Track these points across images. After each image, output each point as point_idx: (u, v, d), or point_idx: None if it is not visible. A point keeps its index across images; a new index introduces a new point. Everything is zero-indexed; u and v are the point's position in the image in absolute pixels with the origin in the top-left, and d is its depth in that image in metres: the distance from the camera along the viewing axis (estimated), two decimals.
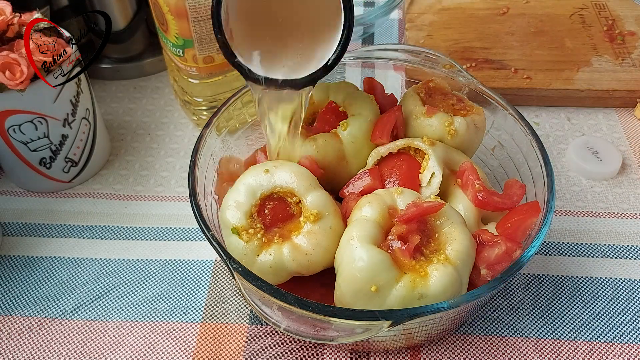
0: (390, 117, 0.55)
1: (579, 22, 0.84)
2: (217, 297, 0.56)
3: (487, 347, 0.53)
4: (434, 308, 0.43)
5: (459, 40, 0.81)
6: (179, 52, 0.62)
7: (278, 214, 0.50)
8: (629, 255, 0.60)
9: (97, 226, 0.63)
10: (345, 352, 0.53)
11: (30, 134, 0.59)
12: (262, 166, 0.52)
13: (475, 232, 0.49)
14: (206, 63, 0.63)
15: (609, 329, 0.54)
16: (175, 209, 0.64)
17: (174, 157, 0.70)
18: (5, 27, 0.57)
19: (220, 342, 0.53)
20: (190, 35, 0.60)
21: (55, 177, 0.64)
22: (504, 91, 0.73)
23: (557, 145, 0.71)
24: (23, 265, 0.59)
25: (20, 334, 0.54)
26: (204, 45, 0.61)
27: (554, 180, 0.51)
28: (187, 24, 0.59)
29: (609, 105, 0.75)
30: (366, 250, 0.45)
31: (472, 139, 0.57)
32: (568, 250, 0.60)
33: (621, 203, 0.64)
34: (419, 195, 0.50)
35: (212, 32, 0.60)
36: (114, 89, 0.78)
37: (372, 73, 0.68)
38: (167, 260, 0.60)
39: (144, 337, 0.54)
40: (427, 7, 0.88)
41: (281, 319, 0.46)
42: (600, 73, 0.76)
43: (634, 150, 0.70)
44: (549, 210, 0.49)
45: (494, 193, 0.52)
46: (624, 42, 0.81)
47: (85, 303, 0.56)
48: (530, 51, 0.79)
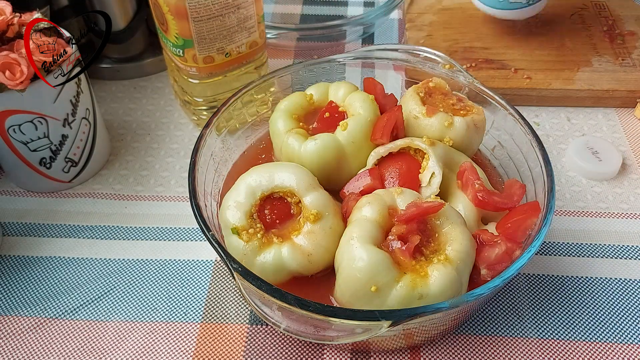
0: (390, 117, 0.55)
1: (579, 22, 0.84)
2: (217, 297, 0.56)
3: (487, 347, 0.53)
4: (434, 308, 0.43)
5: (458, 40, 0.81)
6: (179, 52, 0.62)
7: (278, 214, 0.50)
8: (629, 255, 0.60)
9: (97, 226, 0.63)
10: (345, 352, 0.53)
11: (30, 134, 0.59)
12: (263, 166, 0.52)
13: (475, 232, 0.49)
14: (206, 63, 0.63)
15: (609, 329, 0.54)
16: (175, 209, 0.64)
17: (174, 157, 0.70)
18: (5, 27, 0.57)
19: (220, 342, 0.53)
20: (190, 35, 0.60)
21: (55, 177, 0.64)
22: (504, 91, 0.73)
23: (557, 145, 0.71)
24: (23, 265, 0.59)
25: (20, 334, 0.54)
26: (204, 45, 0.61)
27: (554, 180, 0.51)
28: (187, 24, 0.59)
29: (609, 105, 0.75)
30: (366, 250, 0.45)
31: (472, 138, 0.57)
32: (568, 250, 0.60)
33: (621, 203, 0.64)
34: (418, 195, 0.50)
35: (212, 32, 0.60)
36: (114, 89, 0.78)
37: (372, 73, 0.68)
38: (167, 260, 0.60)
39: (144, 337, 0.54)
40: (427, 7, 0.88)
41: (281, 319, 0.46)
42: (600, 73, 0.76)
43: (634, 150, 0.70)
44: (549, 210, 0.49)
45: (494, 193, 0.52)
46: (624, 42, 0.81)
47: (85, 303, 0.56)
48: (530, 51, 0.79)
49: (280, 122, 0.57)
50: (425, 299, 0.45)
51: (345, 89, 0.58)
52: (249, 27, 0.63)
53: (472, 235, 0.49)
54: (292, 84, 0.64)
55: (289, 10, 0.92)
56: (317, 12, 0.91)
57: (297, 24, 0.88)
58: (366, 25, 0.85)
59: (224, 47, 0.63)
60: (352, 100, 0.57)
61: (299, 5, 0.92)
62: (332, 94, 0.59)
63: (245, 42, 0.64)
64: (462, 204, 0.52)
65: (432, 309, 0.43)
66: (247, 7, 0.61)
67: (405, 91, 0.64)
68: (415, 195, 0.50)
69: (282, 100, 0.59)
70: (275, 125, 0.58)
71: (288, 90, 0.63)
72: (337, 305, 0.48)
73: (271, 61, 0.75)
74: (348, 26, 0.83)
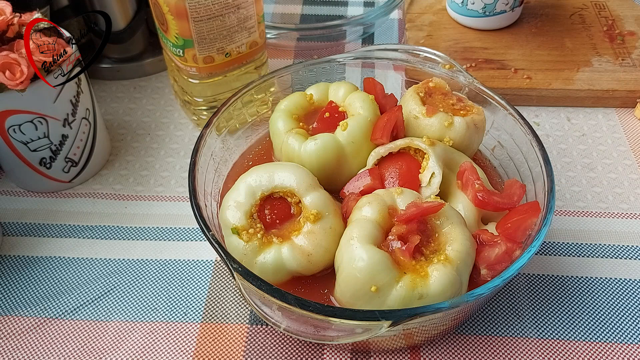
0: (391, 117, 0.55)
1: (579, 22, 0.84)
2: (217, 297, 0.56)
3: (487, 347, 0.53)
4: (434, 308, 0.43)
5: (458, 40, 0.81)
6: (179, 52, 0.62)
7: (278, 214, 0.50)
8: (629, 255, 0.60)
9: (97, 226, 0.63)
10: (346, 352, 0.53)
11: (30, 134, 0.59)
12: (263, 166, 0.52)
13: (475, 232, 0.49)
14: (206, 63, 0.63)
15: (609, 329, 0.54)
16: (175, 209, 0.64)
17: (174, 157, 0.70)
18: (5, 27, 0.57)
19: (220, 342, 0.53)
20: (190, 35, 0.60)
21: (55, 177, 0.64)
22: (504, 91, 0.73)
23: (557, 145, 0.71)
24: (23, 265, 0.59)
25: (20, 334, 0.54)
26: (204, 45, 0.62)
27: (554, 180, 0.51)
28: (187, 24, 0.59)
29: (609, 105, 0.75)
30: (366, 251, 0.45)
31: (472, 138, 0.57)
32: (568, 250, 0.60)
33: (621, 203, 0.64)
34: (419, 195, 0.50)
35: (212, 32, 0.60)
36: (114, 89, 0.78)
37: (372, 73, 0.68)
38: (167, 260, 0.60)
39: (144, 337, 0.54)
40: (427, 7, 0.88)
41: (281, 319, 0.46)
42: (600, 73, 0.76)
43: (634, 150, 0.70)
44: (549, 210, 0.49)
45: (494, 193, 0.52)
46: (624, 42, 0.81)
47: (85, 303, 0.56)
48: (530, 51, 0.79)
49: (280, 122, 0.57)
50: (425, 299, 0.45)
51: (346, 89, 0.58)
52: (249, 27, 0.63)
53: (472, 235, 0.49)
54: (292, 84, 0.64)
55: (289, 10, 0.92)
56: (317, 12, 0.91)
57: (297, 24, 0.88)
58: (366, 25, 0.85)
59: (224, 47, 0.63)
60: (352, 100, 0.57)
61: (299, 5, 0.92)
62: (332, 94, 0.59)
63: (246, 42, 0.64)
64: (462, 204, 0.52)
65: (432, 309, 0.43)
66: (247, 7, 0.62)
67: (405, 91, 0.64)
68: (415, 195, 0.50)
69: (282, 100, 0.59)
70: (275, 125, 0.58)
71: (288, 91, 0.64)
72: (338, 305, 0.48)
73: (271, 61, 0.76)
74: (348, 26, 0.83)
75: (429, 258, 0.46)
